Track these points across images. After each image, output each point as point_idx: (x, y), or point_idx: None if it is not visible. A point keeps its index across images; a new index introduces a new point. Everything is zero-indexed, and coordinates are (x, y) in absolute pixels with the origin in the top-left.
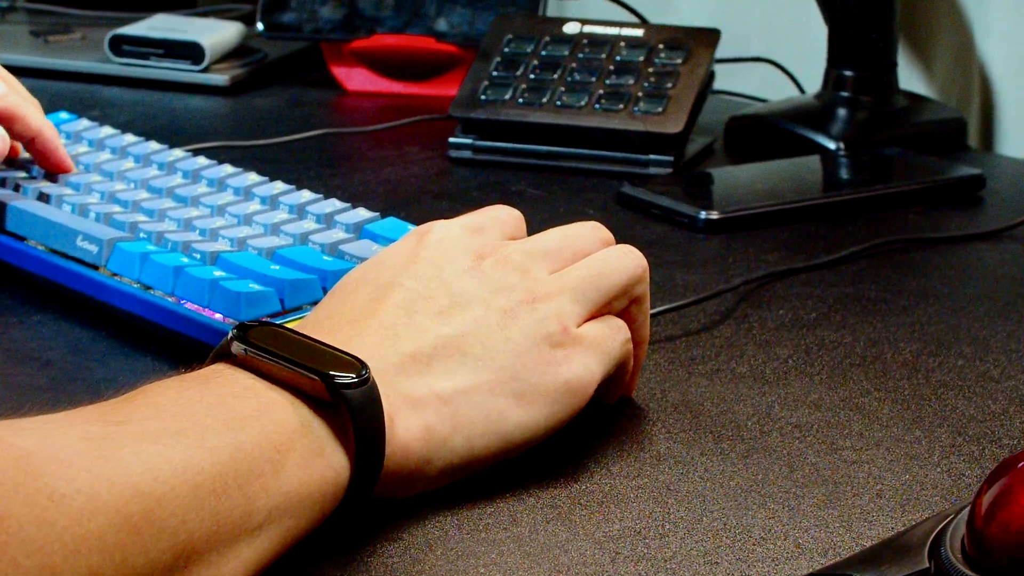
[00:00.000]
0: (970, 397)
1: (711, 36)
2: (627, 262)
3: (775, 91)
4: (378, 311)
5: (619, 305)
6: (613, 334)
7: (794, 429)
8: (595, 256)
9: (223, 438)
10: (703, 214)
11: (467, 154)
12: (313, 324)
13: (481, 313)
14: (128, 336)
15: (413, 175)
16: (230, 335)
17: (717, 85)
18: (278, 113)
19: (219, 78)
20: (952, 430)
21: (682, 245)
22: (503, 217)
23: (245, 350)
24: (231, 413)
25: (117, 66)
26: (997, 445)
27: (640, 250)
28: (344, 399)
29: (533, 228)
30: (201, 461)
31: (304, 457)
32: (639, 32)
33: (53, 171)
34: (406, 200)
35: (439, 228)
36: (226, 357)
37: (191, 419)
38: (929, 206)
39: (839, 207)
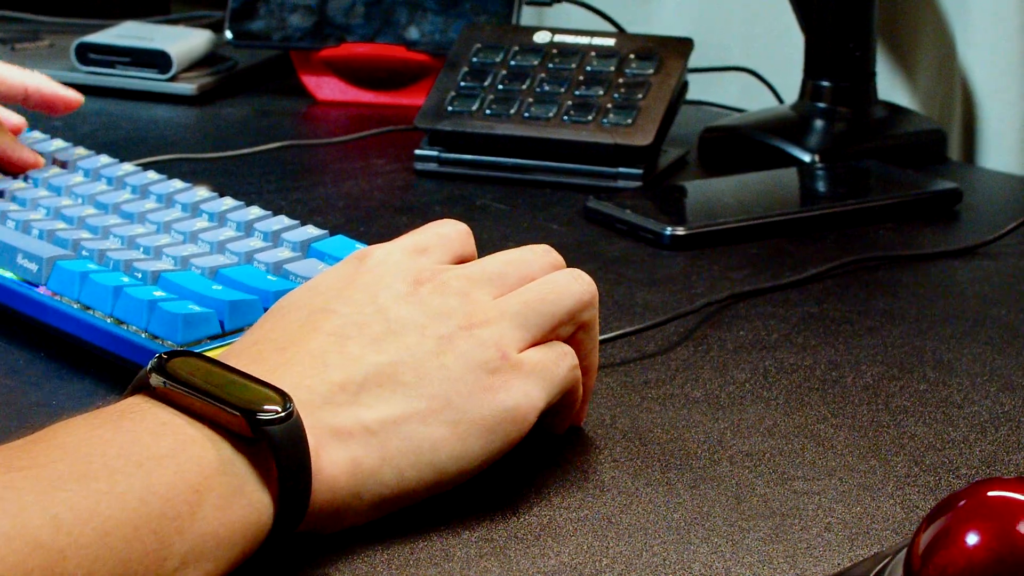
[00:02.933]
0: (930, 424)
1: (684, 45)
2: (574, 287)
3: (755, 101)
4: (308, 338)
5: (565, 332)
6: (558, 360)
7: (745, 458)
8: (541, 280)
9: (134, 481)
10: (669, 230)
11: (433, 166)
12: (241, 351)
13: (416, 340)
14: (67, 358)
15: (376, 188)
16: (149, 366)
17: (695, 94)
18: (244, 123)
19: (186, 87)
20: (909, 459)
21: (646, 262)
22: (448, 233)
23: (164, 382)
24: (145, 453)
25: (83, 75)
26: (954, 475)
27: (603, 267)
28: (267, 436)
29: (496, 243)
30: (109, 507)
31: (223, 497)
32: (610, 42)
33: (66, 111)
34: (366, 214)
35: (378, 252)
36: (145, 389)
37: (101, 461)
38: (903, 221)
39: (810, 222)
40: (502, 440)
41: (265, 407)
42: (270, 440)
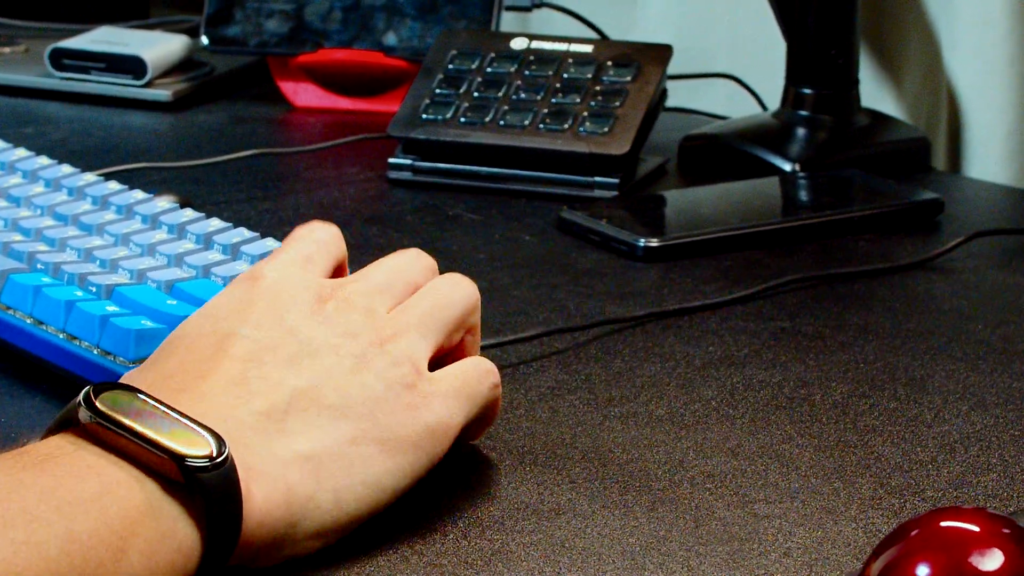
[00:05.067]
0: (898, 443)
1: (663, 52)
2: (460, 292)
3: (741, 108)
4: (225, 365)
5: (459, 337)
6: (480, 378)
7: (706, 479)
8: (429, 288)
9: (54, 529)
10: (642, 241)
11: (407, 175)
12: (157, 383)
13: (333, 360)
14: (19, 374)
15: (348, 197)
16: (78, 399)
17: (680, 101)
18: (219, 130)
19: (161, 93)
20: (874, 480)
21: (617, 275)
22: (324, 239)
23: (92, 418)
24: (68, 496)
25: (57, 80)
26: (920, 497)
27: (573, 280)
28: (197, 482)
29: (466, 254)
30: (28, 558)
31: (150, 542)
32: (588, 48)
33: None
34: (336, 224)
35: (269, 270)
36: (73, 424)
37: (20, 507)
38: (883, 232)
39: (787, 233)
40: (428, 456)
41: (196, 452)
42: (201, 487)
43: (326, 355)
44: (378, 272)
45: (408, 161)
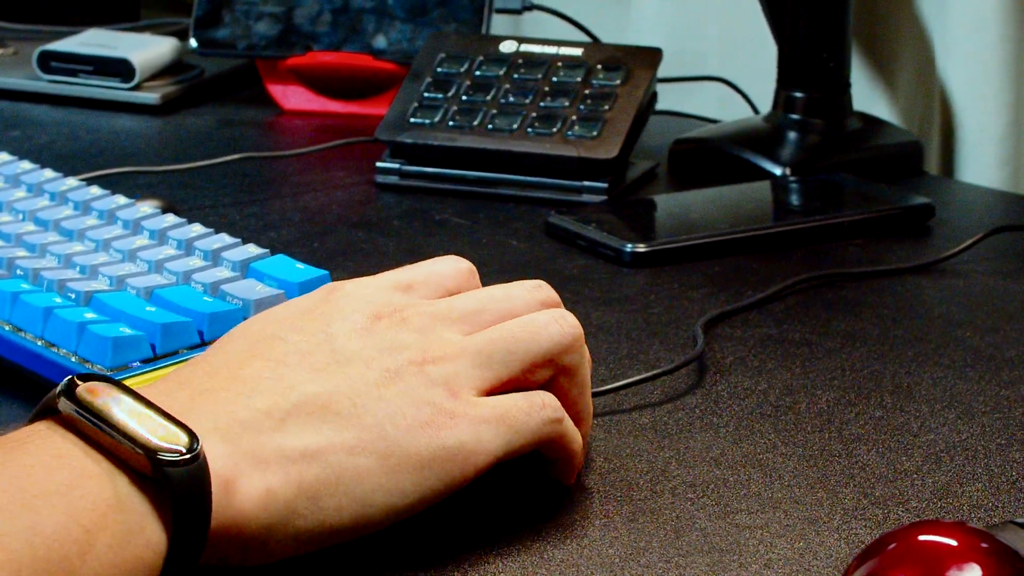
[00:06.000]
0: (883, 453)
1: (652, 56)
2: (553, 328)
3: (733, 111)
4: (245, 364)
5: (542, 375)
6: (531, 409)
7: (688, 489)
8: (519, 319)
9: (19, 522)
10: (629, 247)
11: (394, 179)
12: (176, 374)
13: (359, 371)
14: None
15: (335, 202)
16: (59, 388)
17: (673, 104)
18: (207, 133)
19: (149, 96)
20: (858, 490)
21: (604, 280)
22: (442, 271)
23: (70, 407)
24: (37, 488)
25: (45, 83)
26: (904, 508)
27: (559, 285)
28: (166, 477)
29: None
30: None
31: (118, 537)
32: (577, 51)
33: None
34: (322, 230)
35: (348, 285)
36: (53, 413)
37: None
38: (873, 237)
39: (776, 239)
40: (439, 479)
41: (169, 447)
42: (169, 482)
43: (355, 365)
44: (472, 297)
45: (396, 165)
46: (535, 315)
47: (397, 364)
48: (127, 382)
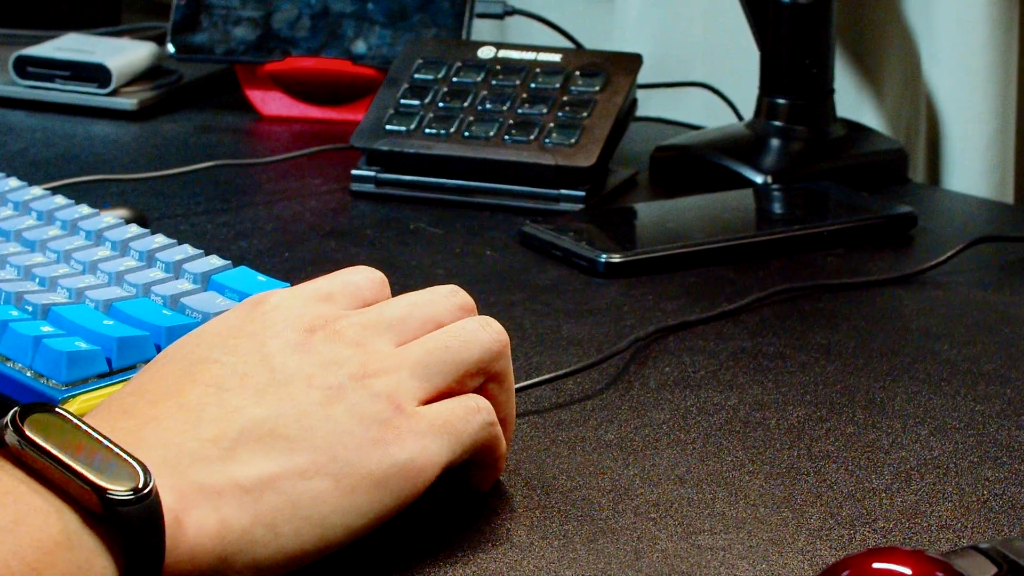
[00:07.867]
0: (852, 471)
1: (632, 62)
2: (482, 335)
3: (717, 117)
4: (185, 390)
5: (473, 383)
6: (468, 415)
7: (651, 508)
8: (447, 328)
9: None
10: (604, 257)
11: (370, 187)
12: (115, 402)
13: (301, 391)
14: None
15: (309, 210)
16: (5, 421)
17: (656, 111)
18: (184, 140)
19: (126, 102)
20: (824, 510)
21: (577, 291)
22: (358, 282)
23: (16, 441)
24: None
25: (21, 88)
26: (871, 528)
27: (531, 297)
28: (117, 516)
29: (425, 269)
30: None
31: (66, 575)
32: (556, 57)
33: None
34: (294, 239)
35: (273, 298)
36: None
37: None
38: (855, 247)
39: (754, 248)
40: (394, 496)
41: (118, 485)
42: (120, 520)
43: (296, 385)
44: (395, 306)
45: (371, 173)
46: (463, 323)
47: (338, 380)
48: (82, 397)
